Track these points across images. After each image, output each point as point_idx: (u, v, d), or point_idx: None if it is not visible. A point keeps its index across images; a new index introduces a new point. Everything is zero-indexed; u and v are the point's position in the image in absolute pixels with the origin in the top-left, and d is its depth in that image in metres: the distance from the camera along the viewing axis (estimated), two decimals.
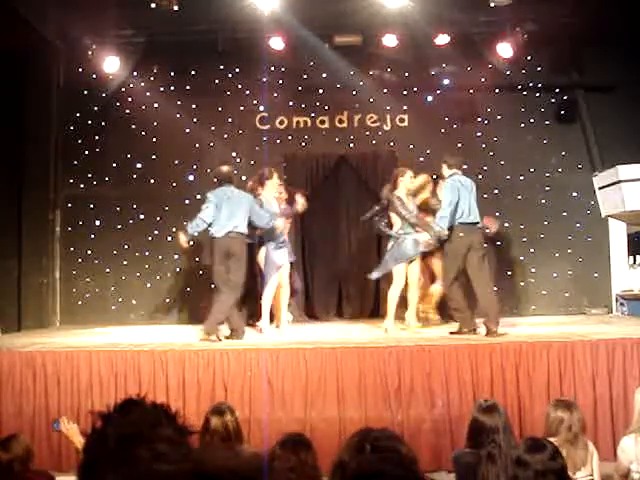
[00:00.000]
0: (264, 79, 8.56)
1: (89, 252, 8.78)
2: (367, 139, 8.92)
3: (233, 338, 6.17)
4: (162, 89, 8.73)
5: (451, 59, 8.58)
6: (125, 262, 8.81)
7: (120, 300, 8.80)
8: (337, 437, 5.04)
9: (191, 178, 8.84)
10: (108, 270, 8.82)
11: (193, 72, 8.79)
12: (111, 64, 8.34)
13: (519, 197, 8.73)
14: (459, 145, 8.67)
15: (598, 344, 5.38)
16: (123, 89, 8.74)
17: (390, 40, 8.24)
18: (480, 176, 8.24)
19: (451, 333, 6.31)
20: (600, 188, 8.17)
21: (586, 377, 5.26)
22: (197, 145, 8.78)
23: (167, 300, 8.80)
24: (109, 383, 5.37)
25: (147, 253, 8.82)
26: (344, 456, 1.46)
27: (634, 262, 8.23)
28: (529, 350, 5.34)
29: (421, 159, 8.74)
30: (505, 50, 8.19)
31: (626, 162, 7.52)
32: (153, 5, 7.35)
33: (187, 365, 5.38)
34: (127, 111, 8.80)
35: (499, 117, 8.83)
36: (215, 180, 6.58)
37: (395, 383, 5.25)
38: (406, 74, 8.80)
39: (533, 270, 8.72)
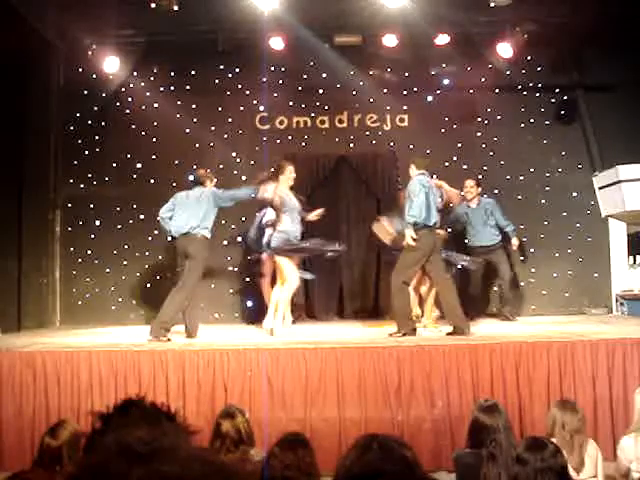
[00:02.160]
0: (264, 79, 8.56)
1: (89, 252, 8.78)
2: (367, 139, 8.92)
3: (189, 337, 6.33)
4: (162, 89, 8.73)
5: (451, 59, 8.58)
6: (125, 262, 8.81)
7: (120, 300, 8.80)
8: (337, 437, 5.04)
9: (191, 178, 8.83)
10: (108, 270, 8.82)
11: (193, 72, 8.80)
12: (111, 64, 8.35)
13: (519, 197, 8.74)
14: (459, 145, 8.68)
15: (598, 344, 5.37)
16: (123, 89, 8.74)
17: (390, 40, 8.24)
18: (480, 176, 8.26)
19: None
20: (600, 188, 8.18)
21: (586, 377, 5.25)
22: (197, 145, 8.78)
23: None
24: (109, 383, 5.37)
25: (147, 253, 8.82)
26: (350, 456, 1.46)
27: (634, 262, 8.23)
28: (529, 350, 5.33)
29: None
30: (505, 50, 8.20)
31: (626, 162, 7.52)
32: (153, 5, 7.35)
33: (187, 365, 5.37)
34: (127, 111, 8.80)
35: (499, 117, 8.83)
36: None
37: (395, 383, 5.25)
38: (406, 74, 8.81)
39: (533, 270, 8.72)
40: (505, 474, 3.12)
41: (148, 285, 8.82)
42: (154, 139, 8.83)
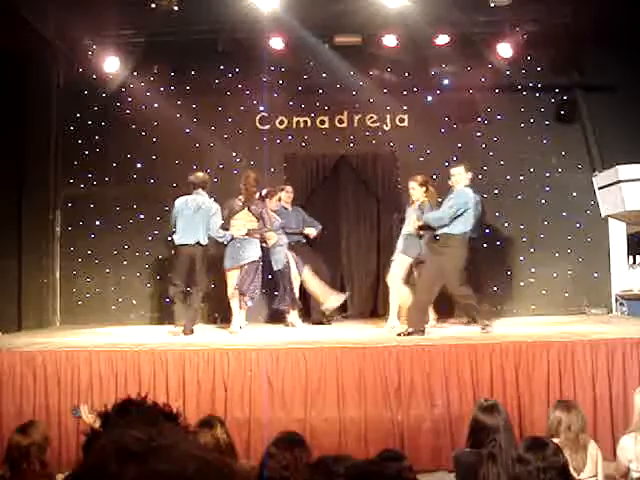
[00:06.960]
0: (264, 79, 8.56)
1: (89, 252, 8.78)
2: (367, 139, 8.92)
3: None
4: (162, 89, 8.72)
5: (451, 59, 8.57)
6: (125, 262, 8.81)
7: (120, 300, 8.80)
8: (337, 437, 5.04)
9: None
10: (108, 270, 8.82)
11: (193, 72, 8.79)
12: (111, 64, 8.34)
13: (519, 197, 8.74)
14: (459, 145, 8.67)
15: (598, 344, 5.38)
16: (123, 89, 8.73)
17: (390, 40, 8.24)
18: (480, 176, 8.24)
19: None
20: (600, 188, 8.17)
21: (586, 377, 5.26)
22: (197, 145, 8.78)
23: (167, 300, 8.79)
24: (109, 383, 5.38)
25: (147, 253, 8.82)
26: None
27: (634, 262, 8.22)
28: (529, 350, 5.34)
29: (421, 159, 8.74)
30: (505, 50, 8.19)
31: (626, 162, 7.51)
32: (153, 5, 7.35)
33: (187, 365, 5.38)
34: (127, 111, 8.79)
35: (499, 117, 8.83)
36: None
37: (395, 383, 5.25)
38: (406, 74, 8.80)
39: (533, 270, 8.72)
40: (504, 474, 3.12)
41: (148, 285, 8.82)
42: (154, 139, 8.83)
